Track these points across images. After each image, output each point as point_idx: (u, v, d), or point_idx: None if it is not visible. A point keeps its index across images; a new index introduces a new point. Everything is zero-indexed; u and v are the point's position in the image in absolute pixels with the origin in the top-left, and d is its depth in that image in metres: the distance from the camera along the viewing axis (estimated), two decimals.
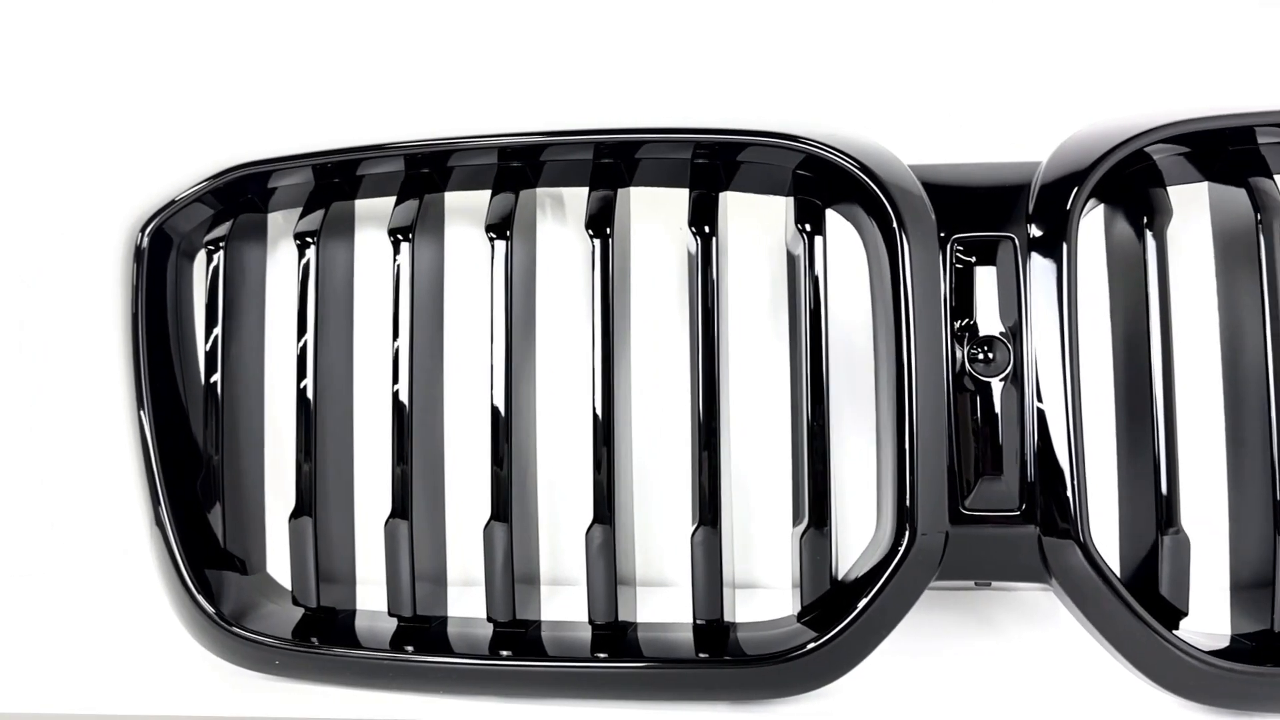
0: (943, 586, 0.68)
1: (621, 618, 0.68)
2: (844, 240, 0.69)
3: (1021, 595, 0.80)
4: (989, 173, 0.66)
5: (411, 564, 0.68)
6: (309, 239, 0.71)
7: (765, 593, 0.82)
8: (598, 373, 0.67)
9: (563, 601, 0.76)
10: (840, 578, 0.66)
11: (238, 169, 0.72)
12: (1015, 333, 0.64)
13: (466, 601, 0.72)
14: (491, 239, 0.69)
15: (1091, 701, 0.65)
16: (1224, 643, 0.64)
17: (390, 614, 0.69)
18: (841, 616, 0.63)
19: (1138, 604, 0.61)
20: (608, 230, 0.68)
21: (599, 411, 0.66)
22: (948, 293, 0.64)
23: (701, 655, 0.65)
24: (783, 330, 0.79)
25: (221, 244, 0.72)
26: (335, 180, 0.73)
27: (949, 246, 0.65)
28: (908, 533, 0.63)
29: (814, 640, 0.63)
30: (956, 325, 0.64)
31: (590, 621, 0.67)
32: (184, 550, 0.70)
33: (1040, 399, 0.63)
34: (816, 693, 0.64)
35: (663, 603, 0.78)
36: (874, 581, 0.63)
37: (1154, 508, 0.63)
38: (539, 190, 0.75)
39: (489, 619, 0.68)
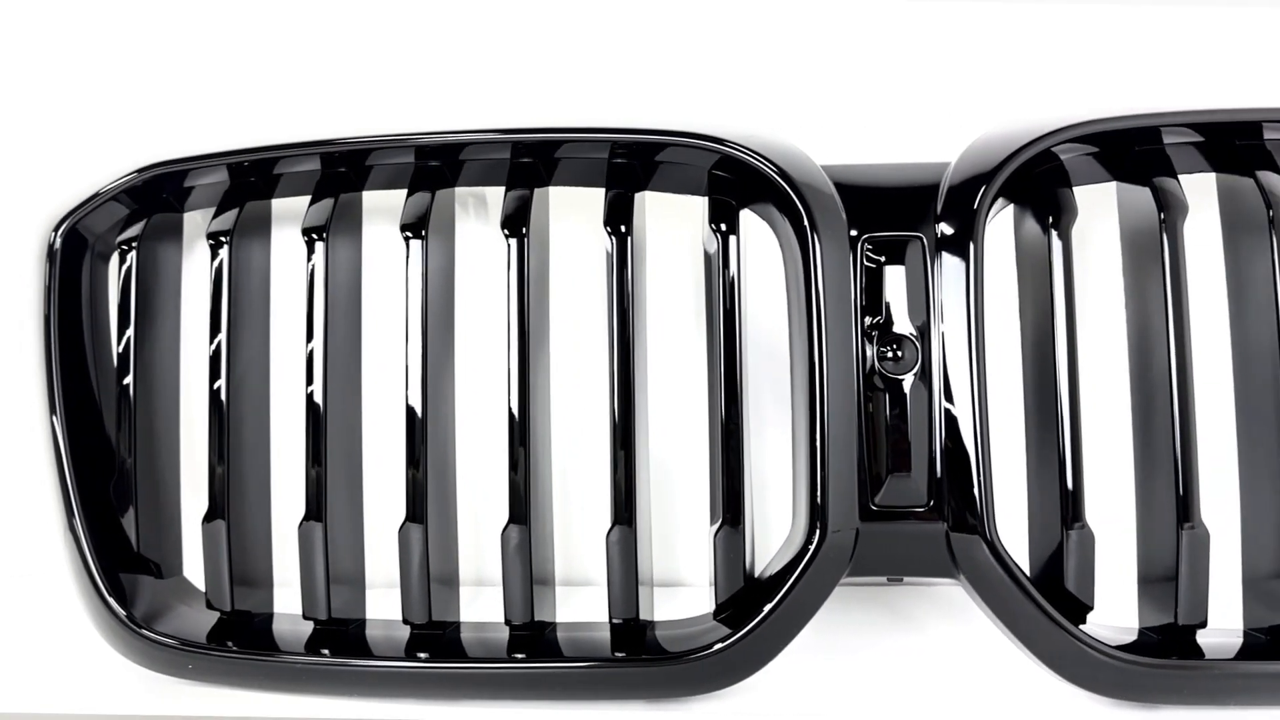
0: (856, 582, 0.69)
1: (540, 617, 0.68)
2: (769, 242, 0.69)
3: (936, 590, 0.80)
4: (899, 173, 0.67)
5: (327, 567, 0.68)
6: (222, 238, 0.70)
7: (688, 590, 0.83)
8: (513, 372, 0.67)
9: (486, 602, 0.75)
10: (757, 575, 0.67)
11: (152, 168, 0.71)
12: (924, 332, 0.64)
13: (390, 603, 0.72)
14: (407, 239, 0.68)
15: (1004, 696, 0.66)
16: (1132, 636, 0.65)
17: (305, 617, 0.69)
18: (754, 614, 0.64)
19: (1043, 599, 0.62)
20: (524, 230, 0.68)
21: (515, 411, 0.66)
22: (858, 292, 0.65)
23: (617, 654, 0.65)
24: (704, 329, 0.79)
25: (134, 244, 0.71)
26: (252, 179, 0.72)
27: (860, 246, 0.65)
28: (819, 530, 0.63)
29: (724, 638, 0.64)
30: (867, 324, 0.65)
31: (507, 622, 0.67)
32: (96, 554, 0.69)
33: (948, 397, 0.63)
34: (733, 689, 0.65)
35: (585, 602, 0.78)
36: (786, 578, 0.64)
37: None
38: (461, 190, 0.74)
39: (405, 621, 0.68)
